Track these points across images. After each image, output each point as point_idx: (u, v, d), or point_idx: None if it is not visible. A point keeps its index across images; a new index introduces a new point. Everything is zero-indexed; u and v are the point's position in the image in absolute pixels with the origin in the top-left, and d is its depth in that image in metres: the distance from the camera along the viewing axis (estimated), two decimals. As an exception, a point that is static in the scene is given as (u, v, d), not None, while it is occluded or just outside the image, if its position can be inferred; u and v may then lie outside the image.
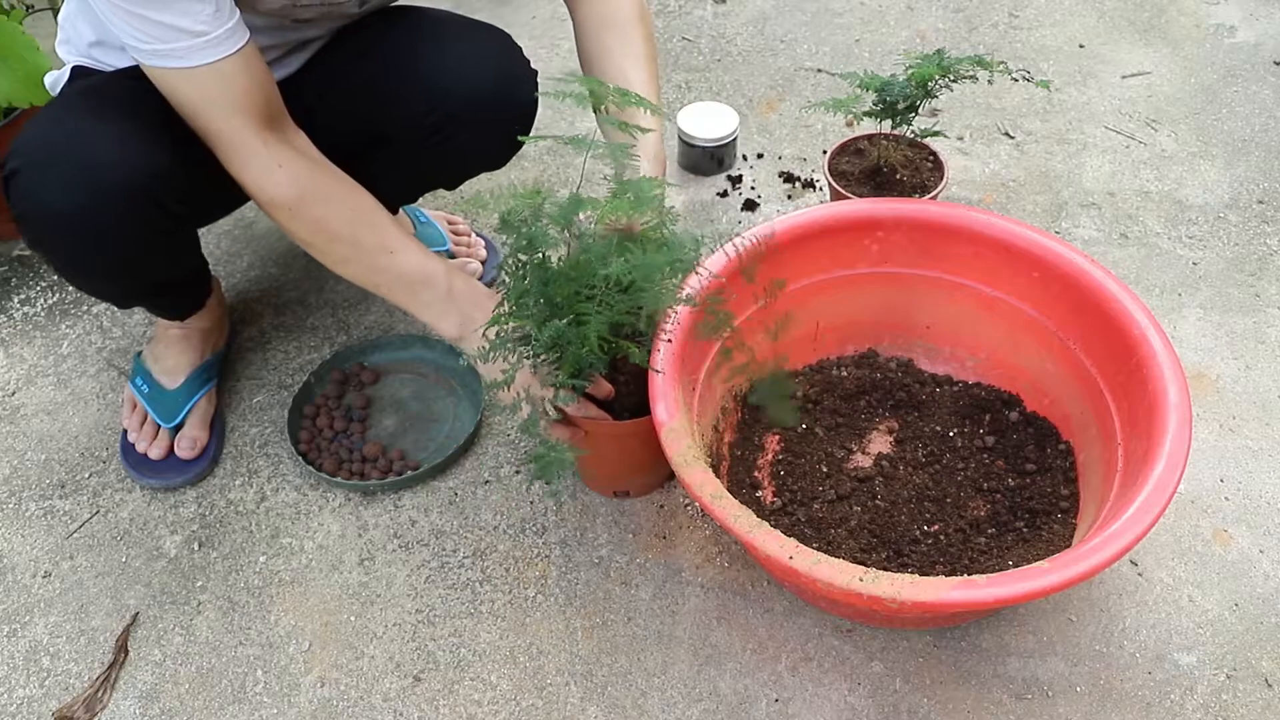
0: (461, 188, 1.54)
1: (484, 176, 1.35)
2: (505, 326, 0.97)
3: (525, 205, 0.93)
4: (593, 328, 0.93)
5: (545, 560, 1.20)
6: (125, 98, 1.07)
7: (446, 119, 1.19)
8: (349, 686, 1.10)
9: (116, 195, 1.01)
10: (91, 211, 1.01)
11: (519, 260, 0.97)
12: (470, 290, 1.09)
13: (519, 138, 1.07)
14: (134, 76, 1.04)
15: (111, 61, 1.14)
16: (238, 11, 0.98)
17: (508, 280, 0.98)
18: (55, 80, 1.19)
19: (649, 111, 1.03)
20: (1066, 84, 1.83)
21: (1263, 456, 1.25)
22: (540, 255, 0.97)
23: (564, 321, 0.94)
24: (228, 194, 1.08)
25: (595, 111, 1.02)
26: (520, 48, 1.23)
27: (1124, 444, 1.06)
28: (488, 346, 0.97)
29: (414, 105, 1.19)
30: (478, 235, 1.57)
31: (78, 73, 1.16)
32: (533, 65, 1.22)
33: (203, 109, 1.00)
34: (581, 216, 0.95)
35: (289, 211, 1.05)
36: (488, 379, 1.08)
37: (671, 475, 1.25)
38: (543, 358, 1.00)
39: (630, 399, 1.10)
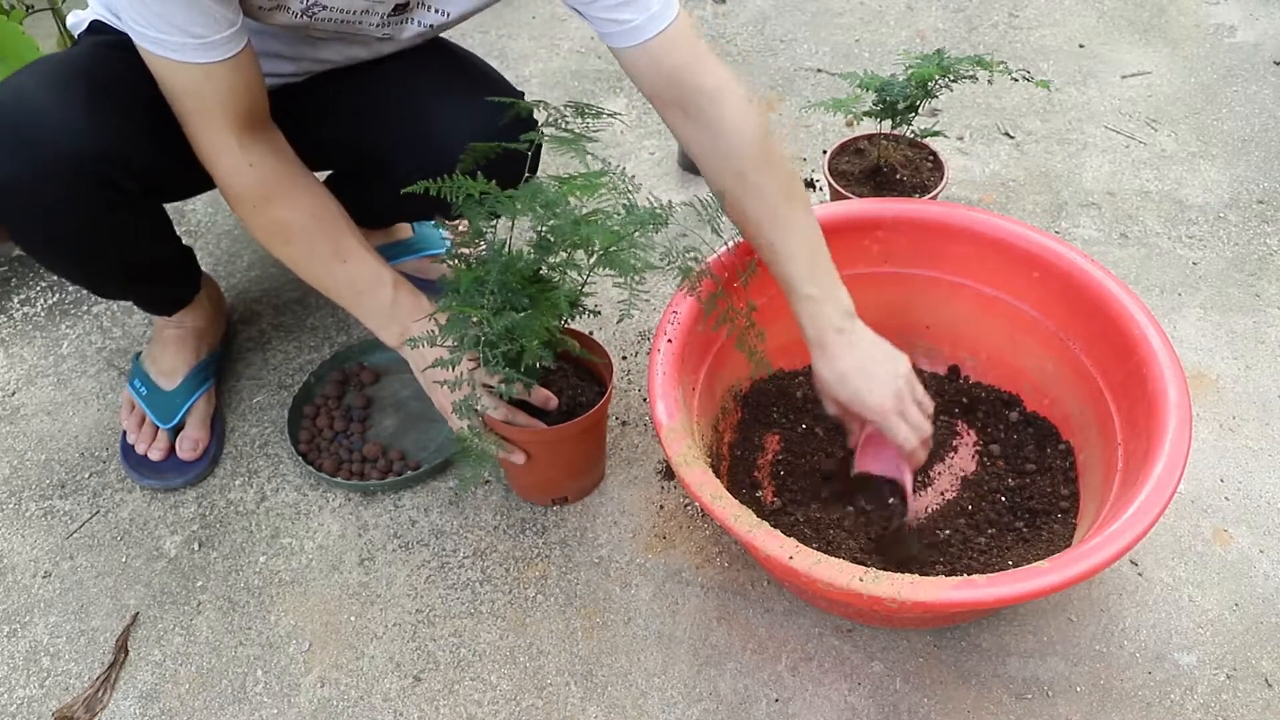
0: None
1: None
2: (454, 312, 0.98)
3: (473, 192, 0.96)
4: (561, 294, 0.96)
5: (545, 560, 1.20)
6: (100, 71, 1.05)
7: (437, 171, 1.17)
8: (349, 686, 1.10)
9: (60, 169, 1.00)
10: (35, 184, 1.00)
11: (462, 253, 1.00)
12: (414, 303, 1.12)
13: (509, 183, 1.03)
14: (125, 48, 1.01)
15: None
16: (241, 17, 0.98)
17: (454, 268, 0.99)
18: (77, 22, 1.17)
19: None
20: (1066, 84, 1.83)
21: (1263, 456, 1.25)
22: (493, 241, 0.99)
23: (521, 314, 0.96)
24: (200, 173, 1.06)
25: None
26: (522, 93, 1.20)
27: (1124, 444, 1.06)
28: (435, 331, 0.98)
29: (406, 161, 1.17)
30: None
31: (96, 27, 1.15)
32: (535, 116, 1.12)
33: (185, 99, 1.00)
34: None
35: (252, 208, 1.07)
36: (423, 363, 1.10)
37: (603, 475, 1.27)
38: (492, 350, 1.01)
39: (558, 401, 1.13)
